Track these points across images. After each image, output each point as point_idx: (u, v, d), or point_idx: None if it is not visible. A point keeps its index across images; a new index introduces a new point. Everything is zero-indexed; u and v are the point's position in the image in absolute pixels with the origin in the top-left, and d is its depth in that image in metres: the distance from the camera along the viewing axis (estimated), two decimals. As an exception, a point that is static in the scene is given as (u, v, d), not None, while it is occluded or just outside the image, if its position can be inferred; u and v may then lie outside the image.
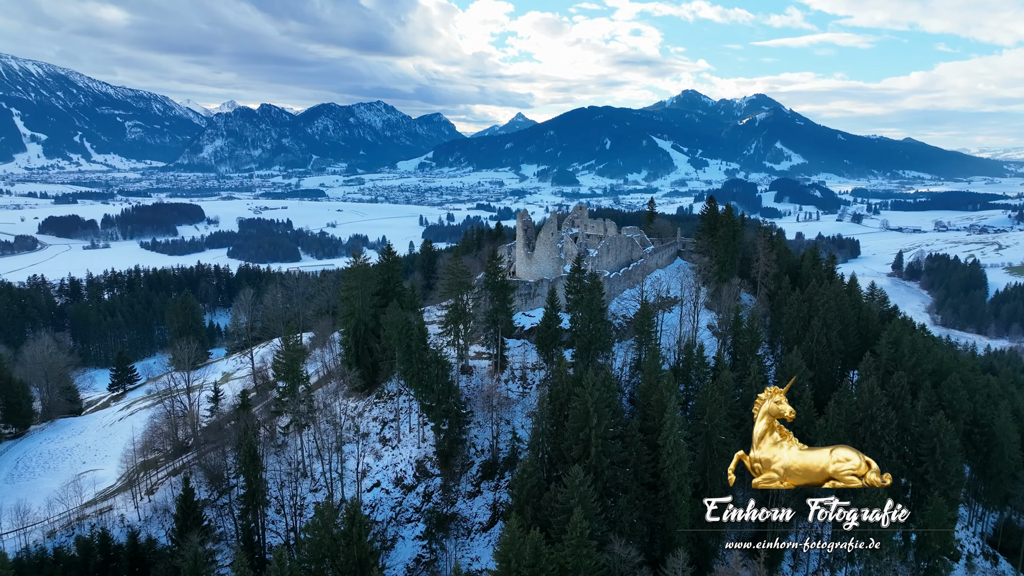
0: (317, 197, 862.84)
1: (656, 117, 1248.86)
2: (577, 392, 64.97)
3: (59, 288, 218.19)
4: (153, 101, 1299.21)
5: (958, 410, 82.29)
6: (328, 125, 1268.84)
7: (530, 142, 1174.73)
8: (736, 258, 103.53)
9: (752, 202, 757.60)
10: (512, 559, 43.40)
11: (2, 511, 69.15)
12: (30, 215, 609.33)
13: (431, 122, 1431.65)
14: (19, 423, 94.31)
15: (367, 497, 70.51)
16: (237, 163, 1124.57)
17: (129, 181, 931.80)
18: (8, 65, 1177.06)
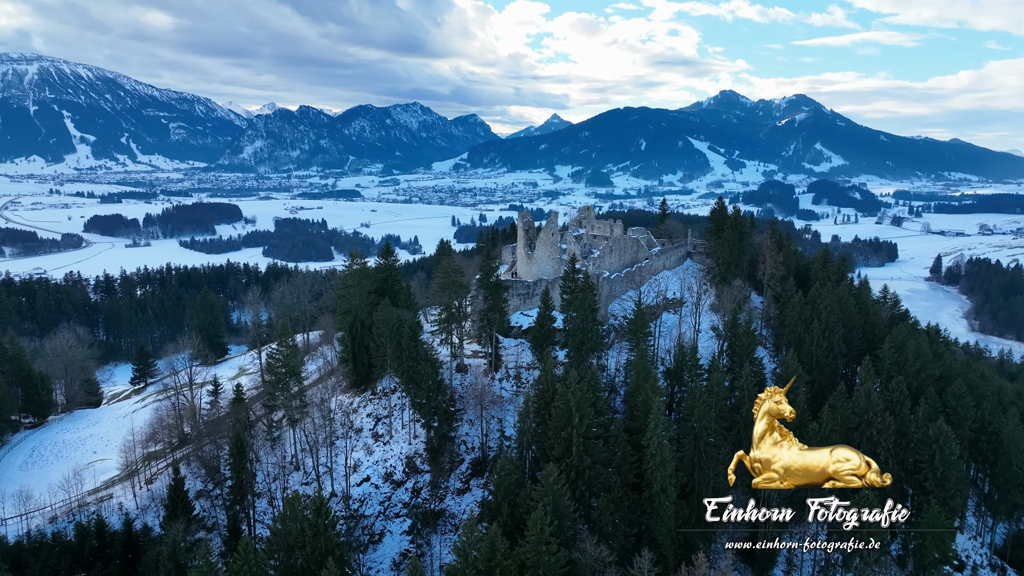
0: (352, 197, 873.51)
1: (692, 118, 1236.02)
2: (560, 391, 65.24)
3: (94, 285, 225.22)
4: (196, 103, 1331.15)
5: (962, 417, 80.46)
6: (365, 126, 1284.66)
7: (565, 143, 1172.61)
8: (742, 260, 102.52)
9: (789, 204, 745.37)
10: (469, 553, 43.99)
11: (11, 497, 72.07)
12: (76, 214, 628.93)
13: (466, 123, 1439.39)
14: (37, 413, 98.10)
15: (356, 491, 71.78)
16: (276, 164, 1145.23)
17: (172, 181, 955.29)
18: (60, 69, 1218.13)
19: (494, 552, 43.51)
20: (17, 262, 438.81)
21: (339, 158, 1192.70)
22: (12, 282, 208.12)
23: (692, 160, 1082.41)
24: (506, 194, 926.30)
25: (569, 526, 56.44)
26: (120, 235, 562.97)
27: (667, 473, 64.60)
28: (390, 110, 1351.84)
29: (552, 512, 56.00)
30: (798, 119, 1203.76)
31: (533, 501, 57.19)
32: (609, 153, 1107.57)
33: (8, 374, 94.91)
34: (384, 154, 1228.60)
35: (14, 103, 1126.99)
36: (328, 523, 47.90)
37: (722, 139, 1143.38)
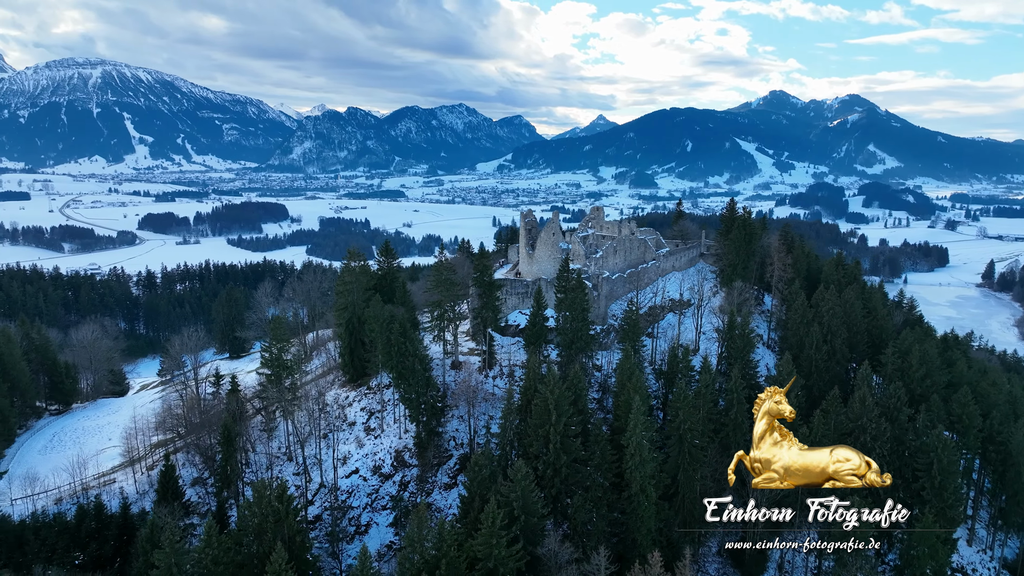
0: (396, 198, 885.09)
1: (741, 119, 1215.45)
2: (540, 389, 65.69)
3: (136, 280, 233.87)
4: (248, 105, 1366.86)
5: (968, 426, 78.07)
6: (411, 127, 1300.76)
7: (609, 144, 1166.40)
8: (751, 261, 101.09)
9: (837, 207, 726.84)
10: (417, 543, 44.97)
11: (23, 478, 75.99)
12: (132, 212, 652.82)
13: (511, 124, 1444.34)
14: (61, 400, 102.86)
15: (345, 483, 73.46)
16: (324, 164, 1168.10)
17: (224, 181, 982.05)
18: (122, 73, 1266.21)
19: (442, 542, 44.36)
20: (74, 258, 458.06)
21: (385, 159, 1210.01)
22: (60, 276, 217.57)
23: (739, 162, 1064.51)
24: (549, 195, 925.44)
25: (536, 522, 56.88)
26: (172, 233, 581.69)
27: (646, 473, 64.43)
28: (436, 111, 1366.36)
29: (521, 508, 56.79)
30: (850, 120, 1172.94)
31: (502, 496, 57.88)
32: (654, 154, 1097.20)
33: (34, 363, 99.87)
34: (429, 155, 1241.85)
35: (79, 105, 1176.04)
36: (290, 510, 49.42)
37: (771, 140, 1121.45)
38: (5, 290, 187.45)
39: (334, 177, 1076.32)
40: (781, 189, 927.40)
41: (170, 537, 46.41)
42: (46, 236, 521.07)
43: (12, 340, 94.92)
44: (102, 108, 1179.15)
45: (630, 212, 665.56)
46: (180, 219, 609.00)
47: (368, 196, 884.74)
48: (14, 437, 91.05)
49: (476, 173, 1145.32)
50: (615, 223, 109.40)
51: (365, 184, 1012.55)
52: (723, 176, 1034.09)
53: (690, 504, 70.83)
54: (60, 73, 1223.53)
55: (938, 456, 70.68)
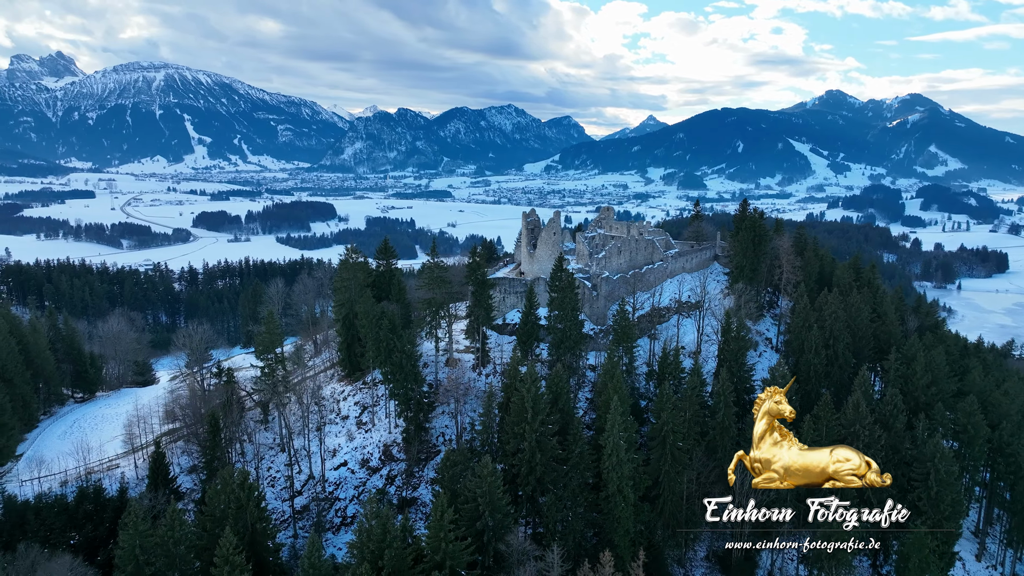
0: (443, 198, 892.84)
1: (795, 119, 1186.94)
2: (518, 387, 65.97)
3: (179, 276, 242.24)
4: (303, 106, 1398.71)
5: (973, 436, 75.19)
6: (460, 128, 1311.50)
7: (658, 145, 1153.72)
8: (759, 263, 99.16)
9: (893, 210, 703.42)
10: (364, 536, 45.88)
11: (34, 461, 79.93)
12: (187, 210, 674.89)
13: (560, 125, 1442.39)
14: (86, 389, 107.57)
15: (333, 475, 75.09)
16: (374, 164, 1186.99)
17: (277, 180, 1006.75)
18: (183, 75, 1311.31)
19: (385, 535, 45.16)
20: (131, 254, 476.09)
21: (434, 159, 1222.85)
22: (107, 271, 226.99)
23: (792, 163, 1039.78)
24: (595, 196, 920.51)
25: (502, 518, 57.20)
26: (224, 230, 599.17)
27: (623, 474, 64.06)
28: (485, 112, 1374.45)
29: (487, 504, 57.23)
30: (911, 120, 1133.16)
31: (469, 492, 58.45)
32: (704, 155, 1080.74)
33: (60, 352, 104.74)
34: (477, 155, 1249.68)
35: (143, 107, 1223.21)
36: (251, 498, 50.95)
37: (826, 141, 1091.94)
38: (55, 283, 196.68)
39: (383, 177, 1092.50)
40: (835, 191, 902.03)
41: (134, 519, 48.41)
42: (106, 233, 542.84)
43: (39, 330, 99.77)
44: (164, 110, 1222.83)
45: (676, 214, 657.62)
46: (232, 217, 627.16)
47: (415, 196, 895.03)
48: (37, 422, 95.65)
49: (523, 174, 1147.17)
50: (624, 224, 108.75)
51: (413, 184, 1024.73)
52: (775, 177, 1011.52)
53: (673, 507, 70.23)
54: (126, 76, 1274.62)
55: (935, 466, 68.28)
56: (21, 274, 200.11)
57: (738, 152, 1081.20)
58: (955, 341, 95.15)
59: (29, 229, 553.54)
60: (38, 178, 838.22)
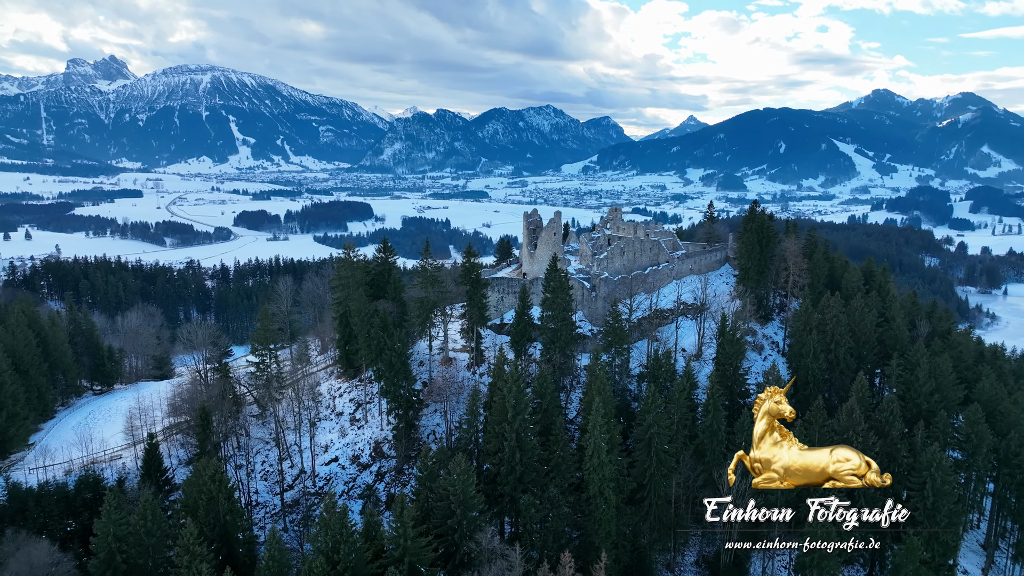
0: (479, 198, 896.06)
1: (840, 119, 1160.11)
2: (499, 386, 66.02)
3: (211, 273, 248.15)
4: (344, 107, 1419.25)
5: (977, 446, 72.72)
6: (498, 129, 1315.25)
7: (698, 145, 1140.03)
8: (766, 265, 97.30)
9: (941, 212, 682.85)
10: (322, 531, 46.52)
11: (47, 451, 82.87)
12: (229, 210, 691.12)
13: (599, 125, 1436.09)
14: (103, 381, 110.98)
15: (324, 470, 76.13)
16: (413, 165, 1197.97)
17: (318, 180, 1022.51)
18: (228, 78, 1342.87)
19: (342, 529, 45.72)
20: (174, 251, 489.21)
21: (472, 160, 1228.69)
22: (142, 268, 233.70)
23: (836, 164, 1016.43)
24: (632, 197, 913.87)
25: (476, 517, 57.28)
26: (264, 229, 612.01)
27: (604, 476, 63.58)
28: (523, 113, 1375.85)
29: (459, 502, 57.41)
30: (962, 119, 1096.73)
31: (443, 490, 58.73)
32: (744, 156, 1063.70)
33: (79, 345, 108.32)
34: (515, 156, 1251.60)
35: (190, 109, 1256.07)
36: (222, 491, 52.03)
37: (871, 142, 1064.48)
38: (90, 279, 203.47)
39: (421, 177, 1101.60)
40: (880, 193, 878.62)
41: (108, 508, 49.91)
42: (151, 231, 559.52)
43: (57, 324, 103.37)
44: (210, 111, 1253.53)
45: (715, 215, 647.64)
46: (272, 217, 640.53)
47: (452, 196, 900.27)
48: (54, 412, 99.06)
49: (561, 174, 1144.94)
50: (631, 224, 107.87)
51: (451, 185, 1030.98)
52: (818, 179, 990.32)
53: (659, 510, 69.41)
54: (174, 79, 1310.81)
55: (931, 475, 66.23)
56: (60, 270, 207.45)
57: (780, 153, 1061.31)
58: (969, 348, 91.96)
59: (79, 227, 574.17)
60: (90, 178, 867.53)
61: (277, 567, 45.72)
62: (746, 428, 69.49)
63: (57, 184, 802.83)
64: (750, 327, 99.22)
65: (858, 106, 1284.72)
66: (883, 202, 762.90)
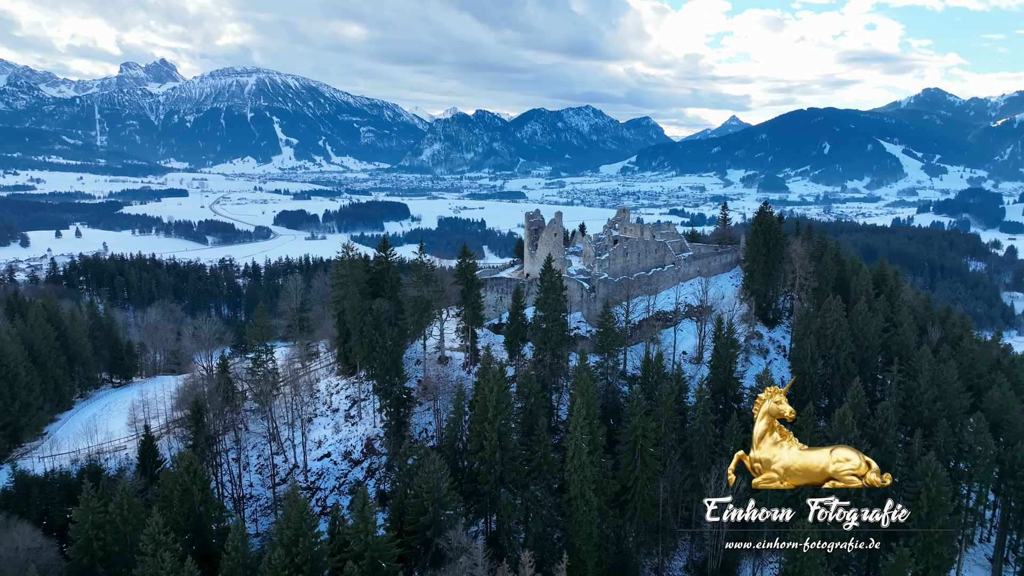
0: (516, 199, 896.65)
1: (887, 119, 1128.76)
2: (481, 385, 66.22)
3: (242, 271, 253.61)
4: (385, 108, 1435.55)
5: (979, 455, 70.30)
6: (536, 129, 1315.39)
7: (739, 146, 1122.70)
8: (774, 268, 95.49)
9: (992, 215, 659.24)
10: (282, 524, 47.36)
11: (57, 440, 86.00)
12: (270, 209, 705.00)
13: (638, 126, 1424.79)
14: (122, 375, 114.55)
15: (316, 465, 77.36)
16: (451, 165, 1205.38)
17: (358, 181, 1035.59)
18: (273, 80, 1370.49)
19: (301, 524, 46.47)
20: (214, 249, 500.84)
21: (510, 160, 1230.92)
22: (175, 265, 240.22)
23: (882, 165, 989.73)
24: (670, 198, 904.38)
25: (452, 515, 57.58)
26: (302, 228, 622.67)
27: (585, 477, 63.26)
28: (562, 113, 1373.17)
29: (432, 500, 57.82)
30: (1018, 119, 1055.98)
31: (416, 488, 59.22)
32: (787, 156, 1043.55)
33: (99, 340, 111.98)
34: (553, 156, 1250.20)
35: (235, 111, 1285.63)
36: (195, 482, 53.34)
37: (921, 142, 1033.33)
38: (125, 276, 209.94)
39: (459, 178, 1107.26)
40: (929, 195, 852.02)
41: (85, 497, 51.64)
42: (193, 229, 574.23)
43: (77, 319, 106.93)
44: (255, 113, 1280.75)
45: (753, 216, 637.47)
46: (311, 216, 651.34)
47: (489, 197, 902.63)
48: (71, 404, 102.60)
49: (599, 175, 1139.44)
50: (638, 225, 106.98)
51: (488, 185, 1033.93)
52: (863, 180, 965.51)
53: (644, 513, 68.70)
54: (221, 81, 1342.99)
55: (926, 484, 64.29)
56: (97, 267, 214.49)
57: (824, 153, 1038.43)
58: (984, 355, 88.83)
59: (127, 225, 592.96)
60: (139, 177, 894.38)
61: (240, 558, 46.70)
62: (735, 432, 68.67)
63: (108, 183, 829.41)
64: (756, 331, 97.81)
65: (907, 106, 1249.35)
66: (930, 204, 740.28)
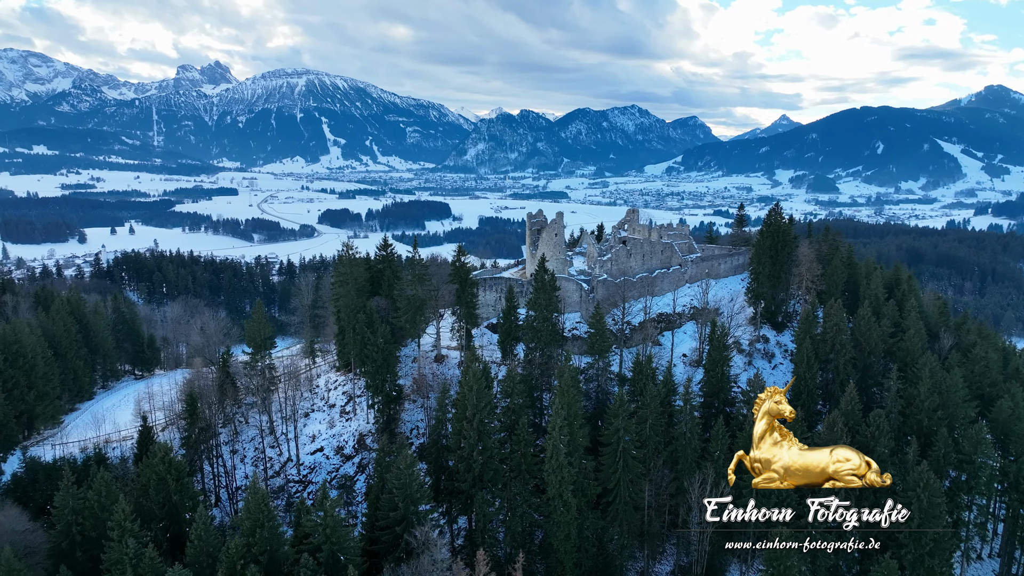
0: (558, 199, 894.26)
1: (945, 118, 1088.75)
2: (461, 383, 66.53)
3: (278, 268, 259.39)
4: (431, 109, 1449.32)
5: (979, 467, 67.70)
6: (581, 129, 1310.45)
7: (788, 145, 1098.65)
8: (782, 271, 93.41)
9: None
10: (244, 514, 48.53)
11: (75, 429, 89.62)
12: (315, 208, 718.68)
13: (685, 125, 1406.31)
14: (144, 367, 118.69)
15: (309, 459, 78.88)
16: (495, 165, 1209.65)
17: (403, 180, 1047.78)
18: (322, 81, 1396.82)
19: (259, 513, 47.56)
20: (260, 247, 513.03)
21: (554, 160, 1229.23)
22: (213, 262, 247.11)
23: (939, 165, 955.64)
24: (716, 199, 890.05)
25: (421, 511, 58.08)
26: (345, 227, 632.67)
27: (563, 478, 63.08)
28: (607, 113, 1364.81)
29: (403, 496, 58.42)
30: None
31: (391, 484, 59.86)
32: (838, 156, 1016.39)
33: (121, 333, 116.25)
34: (598, 156, 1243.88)
35: (286, 112, 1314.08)
36: (170, 472, 55.05)
37: (981, 141, 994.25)
38: (163, 271, 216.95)
39: (503, 178, 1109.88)
40: (989, 196, 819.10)
41: (66, 483, 53.83)
42: (240, 227, 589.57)
43: (100, 312, 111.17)
44: (304, 113, 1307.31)
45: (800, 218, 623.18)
46: (354, 215, 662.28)
47: (531, 197, 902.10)
48: (93, 394, 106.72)
49: (643, 175, 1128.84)
50: (645, 226, 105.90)
51: (532, 185, 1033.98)
52: (918, 181, 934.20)
53: (627, 515, 68.08)
54: (272, 83, 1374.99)
55: (918, 495, 62.19)
56: (137, 263, 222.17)
57: (877, 153, 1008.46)
58: (1003, 363, 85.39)
59: (178, 223, 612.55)
60: (192, 176, 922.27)
61: (202, 546, 48.04)
62: (721, 436, 67.64)
63: (163, 182, 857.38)
64: (763, 334, 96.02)
65: (968, 103, 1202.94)
66: (988, 206, 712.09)
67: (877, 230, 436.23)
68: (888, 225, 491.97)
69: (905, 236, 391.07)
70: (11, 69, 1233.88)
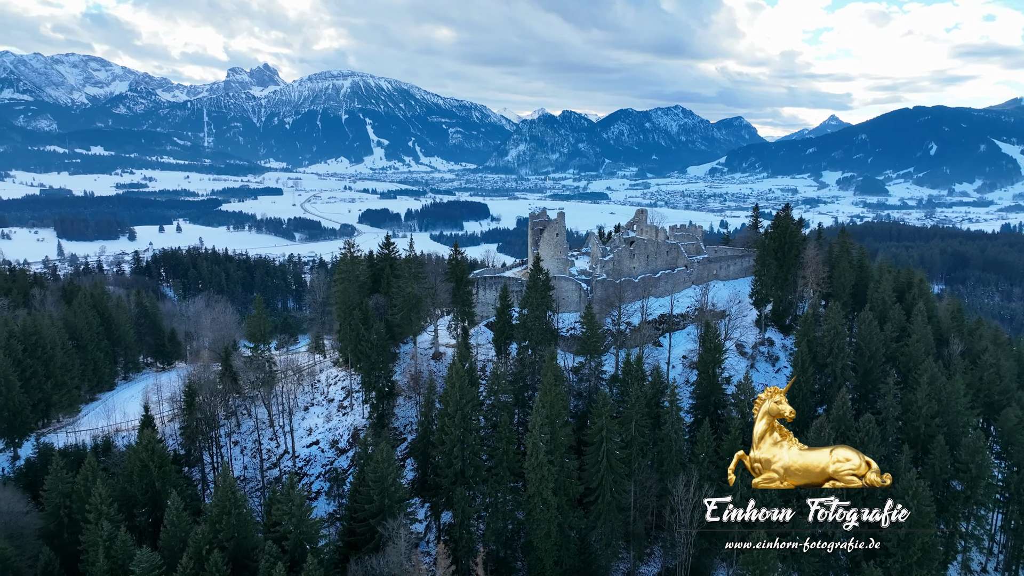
0: (598, 200, 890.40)
1: (1005, 117, 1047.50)
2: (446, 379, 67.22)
3: (309, 266, 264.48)
4: (473, 110, 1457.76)
5: (975, 476, 65.59)
6: (623, 130, 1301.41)
7: (836, 147, 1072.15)
8: (786, 272, 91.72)
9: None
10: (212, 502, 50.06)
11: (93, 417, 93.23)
12: (356, 208, 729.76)
13: (730, 126, 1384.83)
14: (164, 360, 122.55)
15: (305, 452, 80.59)
16: (536, 166, 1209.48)
17: (444, 181, 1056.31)
18: (367, 83, 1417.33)
19: (226, 501, 48.98)
20: (300, 245, 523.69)
21: (595, 161, 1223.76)
22: (246, 259, 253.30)
23: (996, 167, 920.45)
24: (759, 200, 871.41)
25: (390, 504, 58.97)
26: (385, 227, 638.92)
27: (543, 476, 63.25)
28: (650, 113, 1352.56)
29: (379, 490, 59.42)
30: None
31: (368, 476, 60.89)
32: (888, 158, 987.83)
33: (143, 327, 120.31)
34: (640, 157, 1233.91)
35: (331, 113, 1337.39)
36: (153, 459, 57.01)
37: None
38: (198, 268, 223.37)
39: (543, 179, 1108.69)
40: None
41: (55, 468, 56.24)
42: (283, 226, 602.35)
43: (122, 306, 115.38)
44: (349, 115, 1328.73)
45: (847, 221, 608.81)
46: (393, 215, 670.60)
47: (571, 198, 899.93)
48: (113, 385, 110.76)
49: (686, 176, 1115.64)
50: (652, 227, 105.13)
51: (572, 186, 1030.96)
52: (973, 183, 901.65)
53: (608, 515, 67.85)
54: (318, 85, 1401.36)
55: (906, 504, 60.44)
56: (174, 260, 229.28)
57: (930, 155, 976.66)
58: (1014, 370, 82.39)
59: (223, 221, 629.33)
60: (239, 176, 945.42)
61: (174, 531, 49.72)
62: (706, 439, 66.92)
63: (211, 182, 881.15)
64: (768, 337, 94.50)
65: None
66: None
67: (922, 233, 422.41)
68: (935, 228, 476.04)
69: (951, 240, 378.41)
70: (72, 73, 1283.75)
